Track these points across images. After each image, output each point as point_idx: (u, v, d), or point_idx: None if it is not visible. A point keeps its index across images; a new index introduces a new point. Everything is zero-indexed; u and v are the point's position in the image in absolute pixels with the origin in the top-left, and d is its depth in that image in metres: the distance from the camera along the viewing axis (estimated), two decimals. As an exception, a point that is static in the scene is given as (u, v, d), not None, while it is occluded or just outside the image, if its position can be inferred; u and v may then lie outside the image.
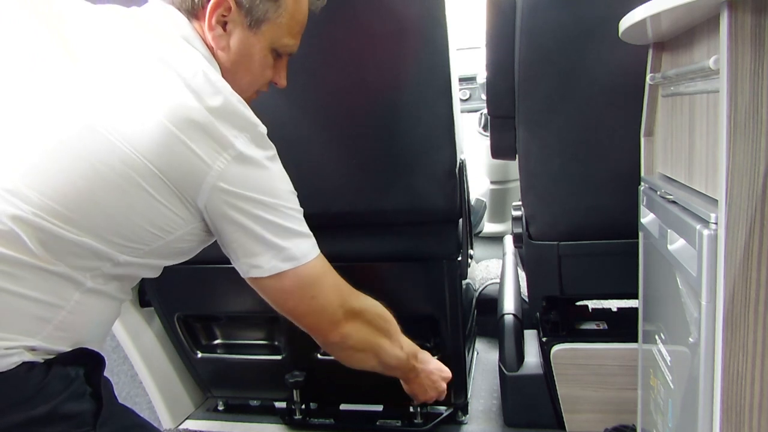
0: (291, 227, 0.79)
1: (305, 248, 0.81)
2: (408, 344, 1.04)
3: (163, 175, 0.70)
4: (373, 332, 0.95)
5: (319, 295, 0.84)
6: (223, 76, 0.78)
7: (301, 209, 0.82)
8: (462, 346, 1.40)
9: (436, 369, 1.14)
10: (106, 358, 0.77)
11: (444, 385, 1.15)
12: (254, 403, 1.68)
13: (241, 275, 0.81)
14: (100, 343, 0.79)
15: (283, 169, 0.81)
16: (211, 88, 0.72)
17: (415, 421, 1.48)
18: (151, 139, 0.68)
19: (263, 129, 0.78)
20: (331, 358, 0.97)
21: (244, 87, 0.84)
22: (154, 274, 0.82)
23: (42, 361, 0.69)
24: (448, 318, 1.36)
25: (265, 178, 0.77)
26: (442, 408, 1.51)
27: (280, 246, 0.78)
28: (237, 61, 0.82)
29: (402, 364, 1.04)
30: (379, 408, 1.56)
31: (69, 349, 0.72)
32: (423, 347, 1.27)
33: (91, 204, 0.68)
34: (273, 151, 0.79)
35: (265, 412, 1.63)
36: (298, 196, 0.82)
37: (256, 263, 0.78)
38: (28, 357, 0.67)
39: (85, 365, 0.73)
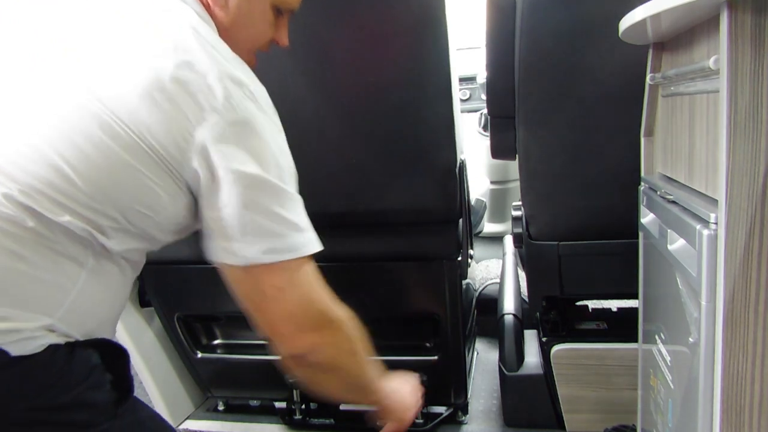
0: (287, 216, 0.71)
1: (301, 241, 0.73)
2: (375, 366, 0.90)
3: (145, 143, 0.65)
4: (344, 352, 0.82)
5: (295, 289, 0.74)
6: (220, 35, 0.74)
7: (300, 198, 0.75)
8: (462, 346, 1.40)
9: (407, 393, 1.02)
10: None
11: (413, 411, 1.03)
12: (254, 403, 1.68)
13: (211, 256, 0.73)
14: (111, 329, 0.76)
15: (286, 143, 0.74)
16: (199, 45, 0.67)
17: (415, 421, 1.47)
18: (132, 104, 0.64)
19: (261, 87, 0.72)
20: None
21: (244, 47, 0.79)
22: (156, 246, 0.77)
23: (63, 343, 0.66)
24: (448, 318, 1.36)
25: (263, 142, 0.70)
26: (442, 408, 1.51)
27: (277, 235, 0.71)
28: (236, 20, 0.77)
29: (369, 390, 0.91)
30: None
31: (83, 338, 0.69)
32: (423, 347, 1.27)
33: (74, 185, 0.64)
34: (273, 111, 0.73)
35: (265, 412, 1.63)
36: None
37: (231, 249, 0.70)
38: (53, 339, 0.64)
39: (105, 353, 0.70)
